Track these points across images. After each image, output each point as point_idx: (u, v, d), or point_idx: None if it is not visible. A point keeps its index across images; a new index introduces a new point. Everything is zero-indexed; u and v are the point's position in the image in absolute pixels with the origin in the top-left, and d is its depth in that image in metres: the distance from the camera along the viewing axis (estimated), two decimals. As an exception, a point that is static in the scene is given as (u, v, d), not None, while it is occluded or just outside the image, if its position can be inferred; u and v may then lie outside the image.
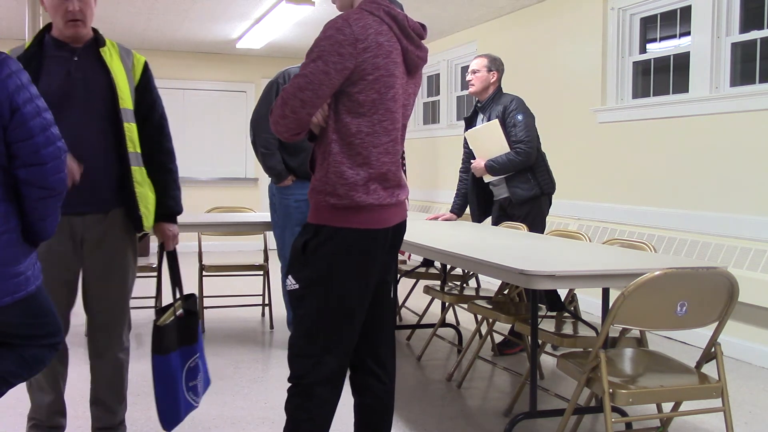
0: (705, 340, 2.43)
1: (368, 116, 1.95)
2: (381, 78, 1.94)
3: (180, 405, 2.51)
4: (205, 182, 9.04)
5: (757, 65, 4.33)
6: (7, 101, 1.85)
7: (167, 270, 2.70)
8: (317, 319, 1.99)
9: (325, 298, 1.98)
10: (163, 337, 2.46)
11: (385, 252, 2.08)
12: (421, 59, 2.06)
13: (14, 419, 3.00)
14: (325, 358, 1.99)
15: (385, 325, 2.19)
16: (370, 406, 2.17)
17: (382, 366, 2.17)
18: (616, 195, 5.26)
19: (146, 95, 2.57)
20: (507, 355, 4.22)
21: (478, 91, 4.27)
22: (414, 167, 8.39)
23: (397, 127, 2.04)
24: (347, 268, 1.98)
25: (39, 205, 1.95)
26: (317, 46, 1.91)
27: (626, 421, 2.97)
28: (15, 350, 2.02)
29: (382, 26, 1.95)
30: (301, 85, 1.89)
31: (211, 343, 4.46)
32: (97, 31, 2.54)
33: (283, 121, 1.94)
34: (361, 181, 1.96)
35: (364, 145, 1.96)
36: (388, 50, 1.95)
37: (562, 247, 3.08)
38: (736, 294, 2.31)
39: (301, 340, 2.03)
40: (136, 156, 2.51)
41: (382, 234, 2.03)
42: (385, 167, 2.01)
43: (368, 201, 1.97)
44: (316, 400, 1.99)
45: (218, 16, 6.87)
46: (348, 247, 1.97)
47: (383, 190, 2.00)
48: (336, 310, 1.99)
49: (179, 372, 2.50)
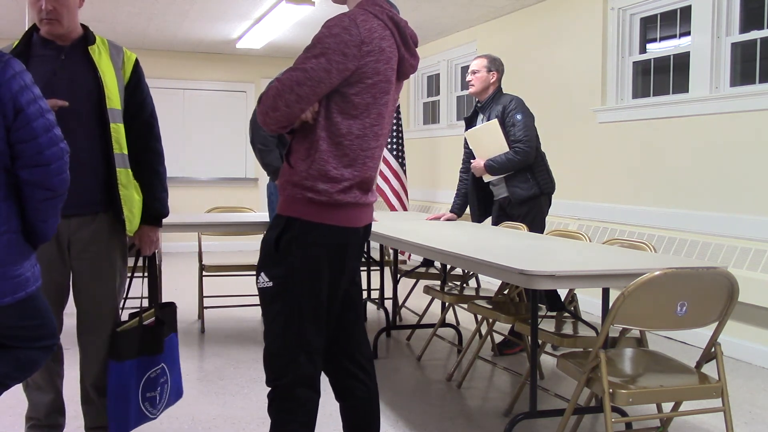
0: (705, 340, 2.43)
1: (360, 119, 1.93)
2: (379, 83, 1.93)
3: (129, 414, 2.46)
4: (205, 182, 9.03)
5: (757, 65, 4.33)
6: (10, 102, 1.85)
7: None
8: (291, 318, 1.95)
9: (299, 295, 1.94)
10: (121, 343, 2.43)
11: (358, 251, 2.06)
12: (414, 68, 2.06)
13: (14, 419, 3.00)
14: (300, 357, 1.96)
15: (358, 327, 2.16)
16: (355, 409, 2.14)
17: (361, 368, 2.13)
18: (616, 195, 5.26)
19: (136, 94, 2.52)
20: (507, 355, 4.22)
21: (478, 92, 4.28)
22: (414, 167, 8.39)
23: (384, 133, 2.03)
24: (322, 266, 1.94)
25: (41, 206, 1.95)
26: (321, 42, 1.86)
27: (626, 421, 2.97)
28: (11, 352, 2.02)
29: (385, 31, 1.93)
30: (299, 79, 1.84)
31: (211, 343, 4.46)
32: (88, 28, 2.50)
33: (273, 113, 1.88)
34: (344, 182, 1.92)
35: (352, 147, 1.93)
36: (389, 56, 1.94)
37: (562, 247, 3.08)
38: (736, 294, 2.31)
39: (276, 341, 1.98)
40: (122, 157, 2.47)
41: (355, 232, 2.01)
42: (369, 172, 1.98)
43: (346, 200, 1.94)
44: (298, 400, 1.96)
45: (218, 16, 6.87)
46: (324, 244, 1.94)
47: (360, 191, 1.98)
48: (310, 307, 1.95)
49: (132, 381, 2.46)
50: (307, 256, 1.93)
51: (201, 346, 4.37)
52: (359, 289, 2.18)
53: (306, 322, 1.96)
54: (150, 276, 2.65)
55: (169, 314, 2.64)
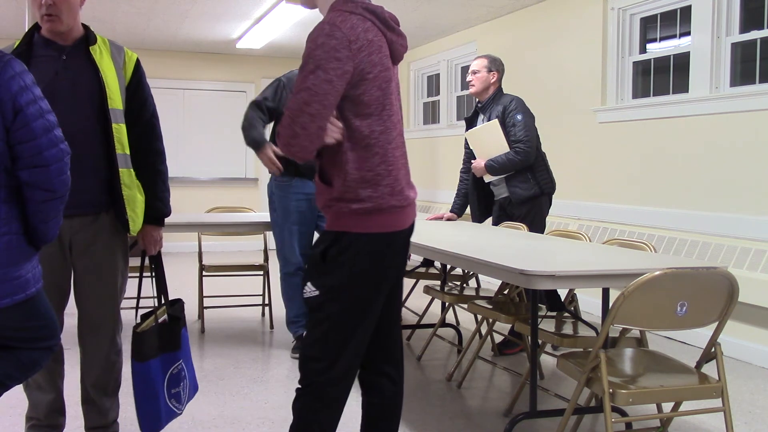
0: (705, 340, 2.43)
1: (377, 115, 1.94)
2: (380, 74, 1.94)
3: (160, 412, 2.47)
4: (205, 182, 9.03)
5: (757, 65, 4.33)
6: (10, 102, 1.85)
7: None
8: (334, 324, 1.97)
9: (344, 304, 1.96)
10: (143, 343, 2.43)
11: (404, 252, 2.09)
12: (404, 47, 2.06)
13: (14, 419, 3.00)
14: (339, 362, 1.97)
15: (395, 324, 2.18)
16: (379, 405, 2.15)
17: (394, 365, 2.16)
18: (616, 195, 5.26)
19: (137, 93, 2.52)
20: (507, 355, 4.22)
21: (478, 92, 4.28)
22: (414, 167, 8.32)
23: (400, 119, 2.05)
24: (368, 274, 1.96)
25: (42, 207, 1.95)
26: (311, 57, 1.85)
27: (626, 421, 2.97)
28: (12, 353, 2.02)
29: (366, 23, 1.92)
30: (306, 99, 1.83)
31: (211, 343, 4.46)
32: (89, 28, 2.50)
33: (294, 140, 1.85)
34: (384, 181, 1.94)
35: (380, 144, 1.94)
36: (379, 45, 1.94)
37: (562, 247, 3.08)
38: (736, 294, 2.31)
39: (316, 345, 2.00)
40: (125, 157, 2.47)
41: (401, 236, 2.03)
42: (400, 162, 2.01)
43: (391, 203, 1.95)
44: (325, 400, 1.98)
45: (218, 16, 6.87)
46: (369, 253, 1.95)
47: (402, 189, 1.99)
48: (354, 315, 1.97)
49: (159, 379, 2.47)
50: (353, 266, 1.94)
51: (201, 346, 4.37)
52: (400, 288, 2.19)
53: (348, 328, 1.97)
54: (157, 274, 2.66)
55: (179, 310, 2.64)
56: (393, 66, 2.05)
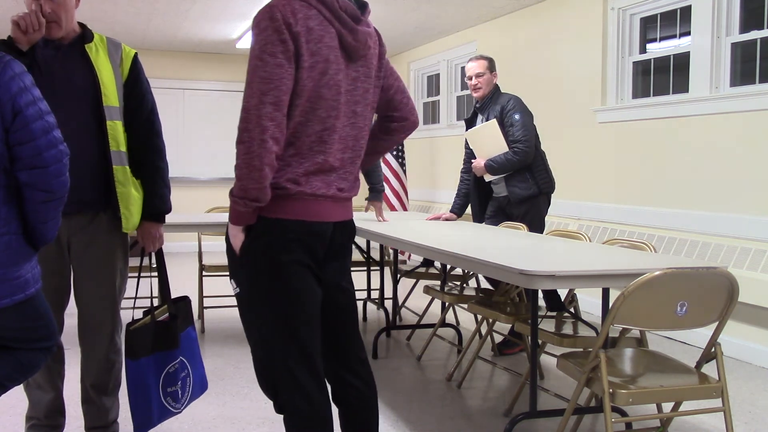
0: (705, 340, 2.43)
1: (301, 106, 1.84)
2: (316, 65, 1.82)
3: (152, 410, 2.46)
4: (205, 182, 9.03)
5: (757, 65, 4.33)
6: (9, 103, 1.85)
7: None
8: (269, 323, 1.89)
9: (270, 298, 1.88)
10: (134, 341, 2.42)
11: (332, 252, 1.98)
12: (359, 42, 1.91)
13: (14, 419, 3.00)
14: (289, 364, 1.87)
15: (352, 333, 2.09)
16: (350, 416, 2.08)
17: (357, 375, 2.06)
18: (616, 195, 5.26)
19: (135, 89, 2.51)
20: (507, 355, 4.22)
21: (486, 94, 4.25)
22: (414, 167, 8.39)
23: (333, 116, 1.88)
24: (286, 262, 1.86)
25: (40, 208, 1.95)
26: (256, 44, 1.78)
27: (626, 421, 2.97)
28: (12, 354, 2.02)
29: (310, 11, 1.84)
30: (262, 90, 1.75)
31: (211, 343, 4.46)
32: (85, 26, 2.50)
33: (261, 136, 1.75)
34: (290, 169, 1.84)
35: (296, 134, 1.85)
36: (320, 35, 1.83)
37: (562, 247, 3.08)
38: (736, 294, 2.31)
39: (260, 351, 1.92)
40: (119, 155, 2.46)
41: (320, 228, 1.91)
42: (320, 156, 1.88)
43: (297, 189, 1.85)
44: (303, 412, 1.88)
45: (218, 16, 6.87)
46: (283, 239, 1.86)
47: (318, 181, 1.88)
48: (286, 309, 1.88)
49: (152, 377, 2.45)
50: (267, 253, 1.86)
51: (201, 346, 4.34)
52: (350, 296, 2.09)
53: (286, 325, 1.88)
54: (160, 272, 2.64)
55: (183, 309, 2.63)
56: (350, 61, 1.91)
